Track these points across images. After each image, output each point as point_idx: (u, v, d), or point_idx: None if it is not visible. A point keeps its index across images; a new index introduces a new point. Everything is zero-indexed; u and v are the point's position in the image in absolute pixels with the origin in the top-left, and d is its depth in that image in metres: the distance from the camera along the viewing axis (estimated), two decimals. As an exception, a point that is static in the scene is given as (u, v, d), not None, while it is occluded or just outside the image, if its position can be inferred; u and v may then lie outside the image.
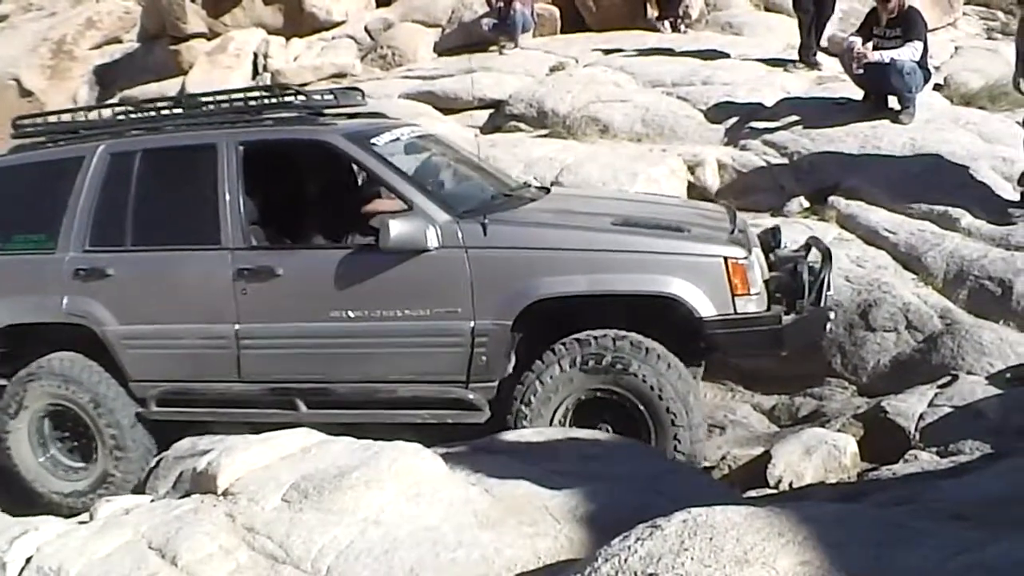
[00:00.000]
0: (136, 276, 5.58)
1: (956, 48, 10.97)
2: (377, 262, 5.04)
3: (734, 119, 8.77)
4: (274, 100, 5.80)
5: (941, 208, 7.01)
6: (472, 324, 4.92)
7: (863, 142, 7.89)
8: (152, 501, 4.32)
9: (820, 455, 5.16)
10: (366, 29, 13.30)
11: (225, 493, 3.73)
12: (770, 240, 5.61)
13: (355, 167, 5.88)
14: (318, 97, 6.00)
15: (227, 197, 5.33)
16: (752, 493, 4.77)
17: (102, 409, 5.58)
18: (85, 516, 4.28)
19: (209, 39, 13.43)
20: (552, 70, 10.68)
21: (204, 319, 5.40)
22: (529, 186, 6.30)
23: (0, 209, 6.01)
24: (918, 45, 7.86)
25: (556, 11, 12.57)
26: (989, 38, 11.91)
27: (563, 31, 12.45)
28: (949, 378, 5.74)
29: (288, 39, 13.30)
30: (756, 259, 4.99)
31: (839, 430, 5.58)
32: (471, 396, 5.01)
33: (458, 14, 12.79)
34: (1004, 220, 6.74)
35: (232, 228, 5.32)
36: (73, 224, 5.66)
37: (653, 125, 8.85)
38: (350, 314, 5.10)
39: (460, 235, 4.93)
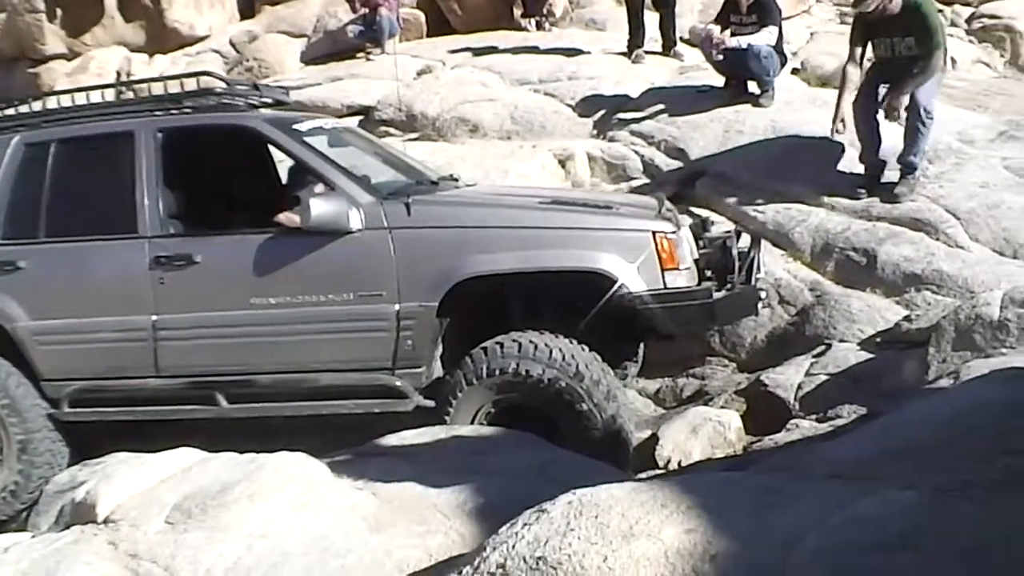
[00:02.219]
0: (49, 268, 5.34)
1: (811, 33, 11.34)
2: (298, 246, 4.88)
3: (601, 112, 8.87)
4: (194, 88, 5.62)
5: (804, 186, 7.21)
6: (397, 307, 4.77)
7: (727, 127, 8.07)
8: (32, 537, 4.15)
9: (706, 432, 5.29)
10: (231, 42, 13.05)
11: (106, 521, 3.59)
12: (699, 229, 5.59)
13: (277, 153, 5.74)
14: (240, 87, 5.90)
15: (144, 185, 5.15)
16: (642, 476, 4.83)
17: (13, 416, 5.30)
18: (-41, 559, 4.08)
19: (69, 59, 13.01)
20: (420, 74, 10.65)
21: (120, 311, 5.16)
22: (454, 178, 6.12)
23: None
24: (773, 30, 8.09)
25: (421, 15, 12.54)
26: (842, 22, 12.28)
27: (429, 35, 12.43)
28: (823, 347, 5.94)
29: (151, 56, 12.95)
30: (685, 236, 4.93)
31: (723, 407, 5.73)
32: (398, 383, 4.84)
33: (323, 23, 12.65)
34: (855, 195, 6.97)
35: (150, 216, 5.13)
36: None
37: (522, 122, 8.88)
38: (271, 301, 4.92)
39: (383, 216, 4.80)
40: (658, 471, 4.99)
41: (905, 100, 6.59)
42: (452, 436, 4.25)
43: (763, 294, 5.27)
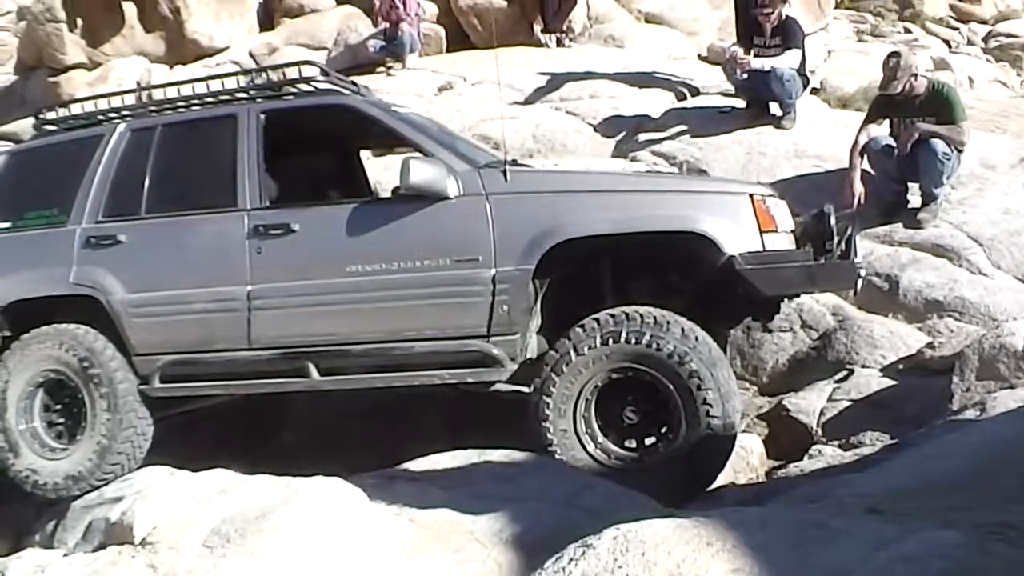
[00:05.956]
0: (148, 241, 5.37)
1: (829, 52, 11.35)
2: (395, 213, 4.92)
3: (623, 132, 8.87)
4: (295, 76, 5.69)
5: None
6: (493, 271, 4.71)
7: (749, 148, 8.04)
8: (65, 556, 4.19)
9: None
10: (251, 54, 13.06)
11: (143, 543, 3.64)
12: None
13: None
14: (337, 78, 6.06)
15: (246, 161, 5.23)
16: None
17: (103, 386, 5.26)
18: (-7, 576, 4.13)
19: (90, 69, 13.01)
20: (441, 90, 10.68)
21: (216, 282, 5.17)
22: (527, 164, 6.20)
23: (16, 190, 5.84)
24: (797, 53, 8.09)
25: (441, 30, 12.58)
26: (860, 40, 12.36)
27: (448, 49, 12.48)
28: (845, 372, 5.95)
29: (171, 67, 13.00)
30: (782, 203, 4.90)
31: (744, 431, 5.72)
32: (493, 350, 4.72)
33: (343, 36, 12.69)
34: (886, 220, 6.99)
35: (250, 189, 5.19)
36: (88, 197, 5.52)
37: (544, 141, 8.89)
38: (367, 268, 4.90)
39: (481, 182, 4.82)
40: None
41: (915, 135, 6.64)
42: (483, 461, 4.29)
43: (862, 272, 5.07)
